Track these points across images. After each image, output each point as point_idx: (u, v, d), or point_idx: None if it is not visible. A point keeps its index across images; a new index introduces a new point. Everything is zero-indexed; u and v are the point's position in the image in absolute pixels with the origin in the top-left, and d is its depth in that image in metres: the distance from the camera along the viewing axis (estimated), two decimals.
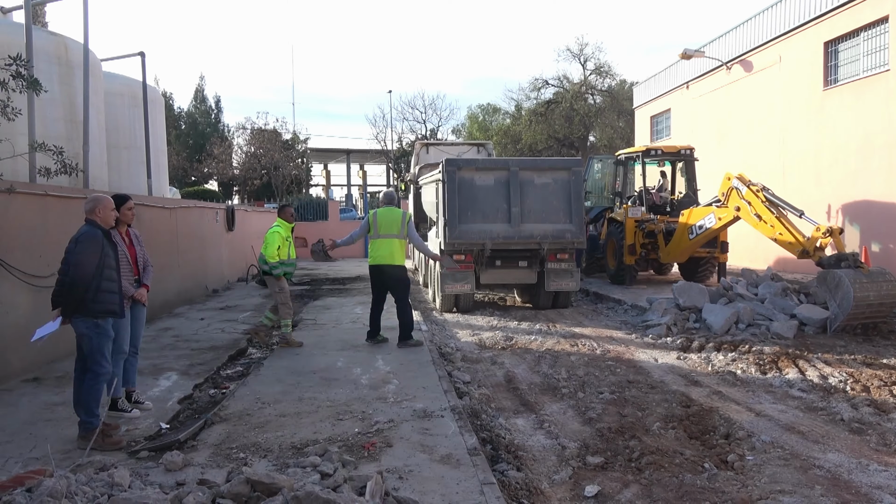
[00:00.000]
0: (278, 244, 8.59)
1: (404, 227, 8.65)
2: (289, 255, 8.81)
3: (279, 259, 8.63)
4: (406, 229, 8.70)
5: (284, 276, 8.80)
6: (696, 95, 22.24)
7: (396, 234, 8.66)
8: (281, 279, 8.75)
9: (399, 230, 8.66)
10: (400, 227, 8.66)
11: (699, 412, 6.10)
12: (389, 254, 8.69)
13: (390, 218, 8.73)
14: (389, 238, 8.65)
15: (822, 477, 4.59)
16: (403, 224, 8.66)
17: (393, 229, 8.68)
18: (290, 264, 8.87)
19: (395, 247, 8.68)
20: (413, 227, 8.88)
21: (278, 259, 8.62)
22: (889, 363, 7.75)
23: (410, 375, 7.11)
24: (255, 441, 5.08)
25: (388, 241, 8.66)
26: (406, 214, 8.82)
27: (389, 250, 8.68)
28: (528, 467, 4.91)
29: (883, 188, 14.05)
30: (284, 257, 8.71)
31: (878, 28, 14.32)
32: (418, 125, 50.42)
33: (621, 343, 9.45)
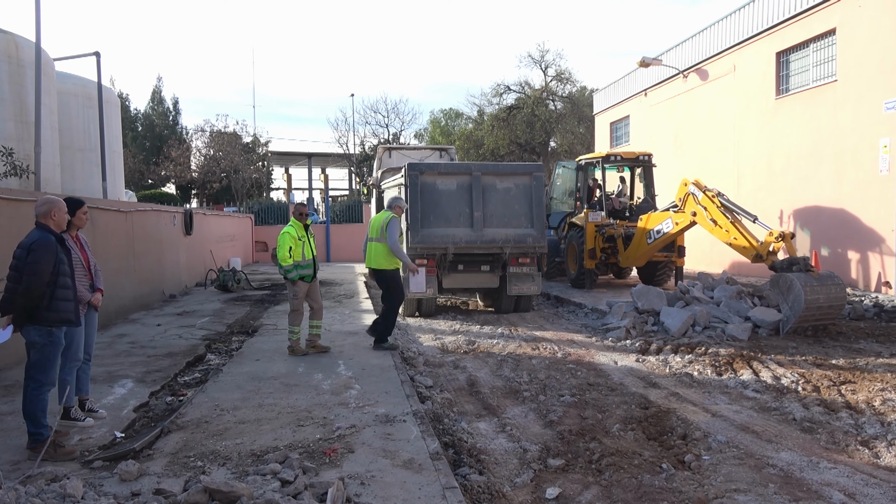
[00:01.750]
0: (289, 245, 8.23)
1: (384, 230, 8.59)
2: (303, 255, 8.32)
3: (293, 261, 8.28)
4: (384, 233, 8.61)
5: (302, 280, 8.34)
6: (654, 102, 22.67)
7: (377, 237, 8.66)
8: (297, 283, 8.34)
9: (379, 234, 8.63)
10: (380, 230, 8.63)
11: (657, 413, 6.20)
12: (373, 257, 8.76)
13: (376, 222, 8.78)
14: (374, 241, 8.71)
15: (775, 475, 4.71)
16: (383, 227, 8.60)
17: (374, 233, 8.72)
18: (305, 266, 8.36)
19: (377, 250, 8.70)
20: (392, 230, 8.60)
21: (292, 261, 8.27)
22: (838, 364, 8.00)
23: (372, 380, 7.07)
24: (214, 449, 4.99)
25: (373, 244, 8.74)
26: (387, 217, 8.67)
27: (373, 253, 8.75)
28: (490, 471, 4.93)
29: (831, 194, 14.53)
30: (298, 258, 8.28)
31: (827, 40, 14.82)
32: (381, 129, 50.27)
33: (582, 346, 9.56)
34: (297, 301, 8.47)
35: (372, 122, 50.57)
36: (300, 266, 8.34)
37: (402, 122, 51.13)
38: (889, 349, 8.81)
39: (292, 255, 8.27)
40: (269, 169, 49.98)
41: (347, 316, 11.84)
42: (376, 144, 41.66)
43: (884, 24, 12.88)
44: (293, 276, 8.33)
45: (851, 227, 13.96)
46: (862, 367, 7.78)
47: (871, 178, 13.37)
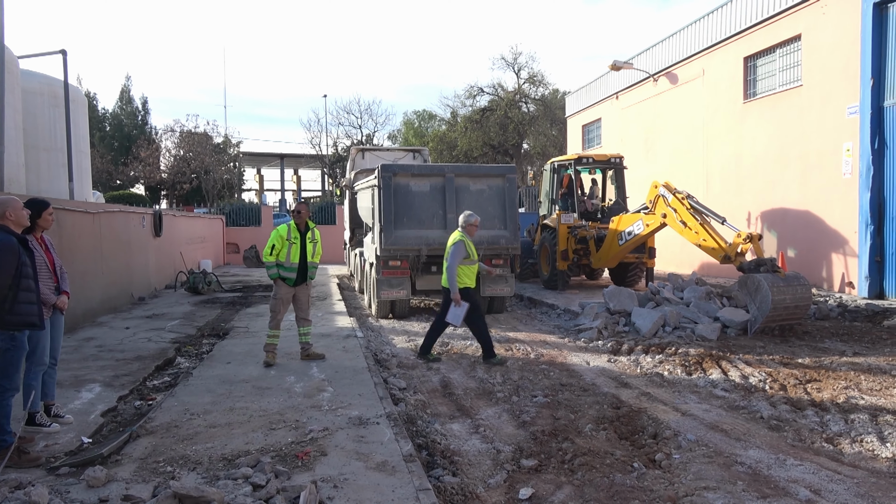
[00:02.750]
0: (273, 243, 8.15)
1: (448, 249, 8.53)
2: (288, 257, 8.13)
3: (275, 259, 8.18)
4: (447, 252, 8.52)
5: (284, 281, 8.20)
6: (625, 106, 22.93)
7: (446, 257, 8.60)
8: (277, 283, 8.24)
9: (447, 254, 8.57)
10: (447, 251, 8.57)
11: (629, 413, 6.27)
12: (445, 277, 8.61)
13: (449, 242, 8.68)
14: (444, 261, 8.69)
15: (744, 473, 4.79)
16: (448, 247, 8.55)
17: (446, 253, 8.67)
18: (288, 268, 8.16)
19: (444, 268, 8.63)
20: (456, 252, 8.43)
21: (274, 259, 8.18)
22: (804, 363, 8.17)
23: (345, 383, 7.04)
24: (184, 454, 4.92)
25: (443, 264, 8.71)
26: (455, 238, 8.55)
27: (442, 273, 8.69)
28: (463, 472, 4.94)
29: (797, 196, 14.83)
30: (283, 259, 8.13)
31: (792, 45, 15.13)
32: (354, 130, 50.11)
33: (554, 347, 9.63)
34: (275, 302, 8.31)
35: (345, 123, 50.42)
36: (282, 266, 8.21)
37: (376, 124, 51.06)
38: (852, 348, 9.02)
39: (276, 255, 8.18)
40: (241, 170, 49.54)
41: (320, 318, 11.76)
42: (349, 145, 41.48)
43: (846, 31, 13.20)
44: (272, 274, 8.28)
45: (816, 229, 14.26)
46: (827, 366, 7.95)
47: (835, 181, 13.69)
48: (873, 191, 12.72)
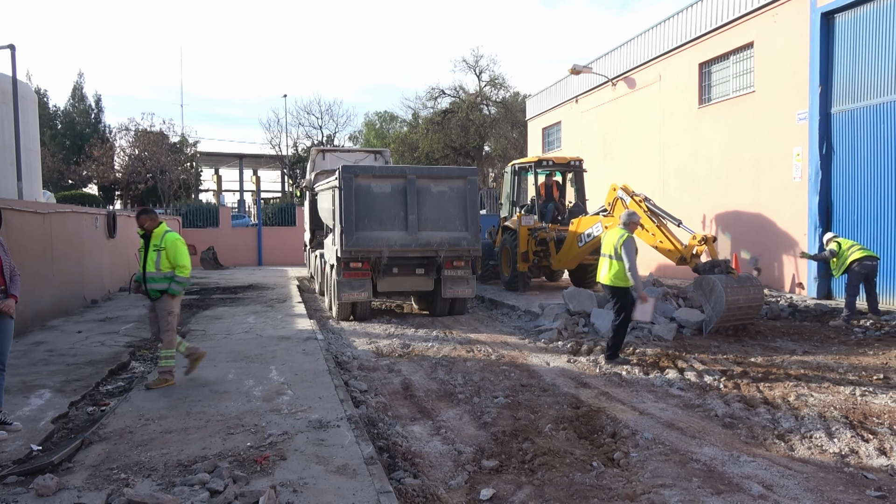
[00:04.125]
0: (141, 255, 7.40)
1: (619, 248, 8.43)
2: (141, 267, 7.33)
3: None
4: (619, 252, 8.40)
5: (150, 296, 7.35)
6: (584, 109, 23.23)
7: (612, 255, 8.52)
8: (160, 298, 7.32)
9: (613, 251, 8.50)
10: (614, 248, 8.50)
11: (588, 413, 6.35)
12: (607, 273, 8.58)
13: (611, 238, 8.66)
14: (609, 258, 8.59)
15: (699, 470, 4.90)
16: (618, 246, 8.45)
17: (609, 250, 8.59)
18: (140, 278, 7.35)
19: (612, 267, 8.51)
20: (629, 250, 8.36)
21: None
22: (756, 362, 8.39)
23: (306, 386, 6.97)
24: (138, 460, 4.81)
25: (608, 260, 8.60)
26: (622, 235, 8.49)
27: (607, 270, 8.58)
28: (424, 474, 4.94)
29: (750, 199, 15.23)
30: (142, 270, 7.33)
31: (745, 52, 15.54)
32: (314, 131, 49.68)
33: (515, 348, 9.70)
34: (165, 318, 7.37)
35: (305, 124, 49.97)
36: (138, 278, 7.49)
37: (337, 124, 50.74)
38: (802, 347, 9.30)
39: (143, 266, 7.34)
40: (198, 170, 48.64)
41: (280, 321, 11.63)
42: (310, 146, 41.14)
43: (796, 39, 13.62)
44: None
45: (768, 231, 14.67)
46: (778, 365, 8.18)
47: (786, 185, 14.10)
48: (822, 194, 13.15)
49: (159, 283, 7.29)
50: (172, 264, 7.26)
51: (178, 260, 7.27)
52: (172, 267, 7.26)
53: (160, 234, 7.32)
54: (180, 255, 7.30)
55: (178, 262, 7.27)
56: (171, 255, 7.26)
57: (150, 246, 7.30)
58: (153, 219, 7.47)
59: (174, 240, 7.32)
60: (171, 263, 7.26)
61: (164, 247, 7.26)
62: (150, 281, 7.30)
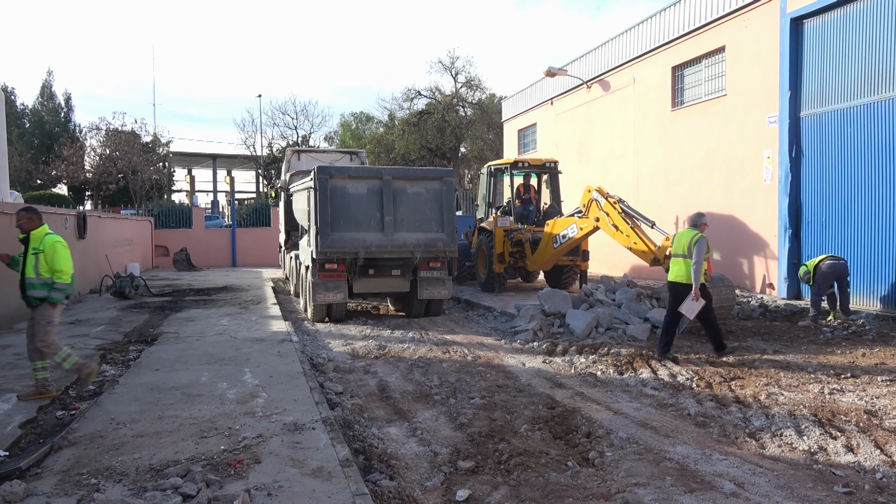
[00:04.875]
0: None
1: (691, 247, 8.66)
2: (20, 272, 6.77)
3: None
4: (692, 250, 8.64)
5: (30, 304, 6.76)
6: (559, 111, 23.38)
7: (685, 254, 8.74)
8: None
9: (686, 251, 8.72)
10: (687, 248, 8.72)
11: (563, 413, 6.39)
12: (678, 272, 8.82)
13: (683, 238, 8.87)
14: (681, 258, 8.83)
15: (672, 468, 4.95)
16: (691, 245, 8.68)
17: (682, 249, 8.81)
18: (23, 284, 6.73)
19: (682, 266, 8.77)
20: (701, 249, 8.61)
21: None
22: (728, 361, 8.51)
23: (280, 388, 6.92)
24: (109, 465, 4.73)
25: (680, 260, 8.84)
26: (696, 235, 8.72)
27: (679, 269, 8.82)
28: (400, 476, 4.93)
29: (721, 201, 15.46)
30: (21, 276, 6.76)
31: (717, 56, 15.77)
32: (290, 131, 49.40)
33: (491, 349, 9.72)
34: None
35: (280, 124, 49.67)
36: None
37: (312, 125, 50.54)
38: (773, 346, 9.46)
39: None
40: (171, 170, 48.10)
41: (255, 322, 11.53)
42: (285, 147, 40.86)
43: (766, 44, 13.85)
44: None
45: (739, 233, 14.90)
46: (749, 364, 8.31)
47: (757, 187, 14.33)
48: (791, 197, 13.39)
49: (38, 290, 6.68)
50: (51, 269, 6.64)
51: (57, 264, 6.64)
52: (51, 272, 6.65)
53: (39, 237, 6.72)
54: (59, 259, 6.66)
55: (56, 267, 6.64)
56: (49, 259, 6.63)
57: (28, 249, 6.70)
58: (32, 219, 6.81)
59: (53, 242, 6.68)
60: (50, 268, 6.64)
61: (43, 249, 6.65)
62: (28, 288, 6.68)
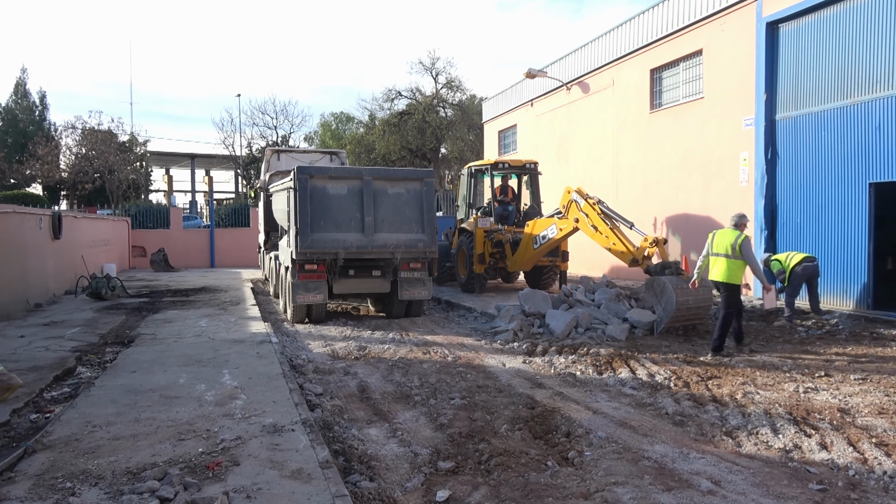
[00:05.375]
0: None
1: (737, 249, 8.98)
2: None
3: None
4: (738, 251, 8.97)
5: None
6: (539, 113, 23.50)
7: (728, 254, 9.01)
8: None
9: (731, 251, 9.01)
10: (731, 248, 9.02)
11: (543, 413, 6.42)
12: (724, 272, 9.07)
13: (724, 239, 9.14)
14: (724, 257, 9.08)
15: (651, 467, 5.00)
16: (736, 246, 8.99)
17: (724, 249, 9.09)
18: None
19: (730, 265, 9.04)
20: (749, 249, 9.08)
21: None
22: (705, 361, 8.62)
23: (259, 390, 6.87)
24: (85, 468, 4.67)
25: (724, 259, 9.09)
26: (740, 237, 9.03)
27: (724, 268, 9.07)
28: (380, 477, 4.92)
29: (699, 202, 15.63)
30: None
31: (695, 60, 15.95)
32: (269, 131, 49.06)
33: (471, 349, 9.74)
34: None
35: (260, 124, 49.33)
36: None
37: (292, 125, 50.22)
38: (749, 346, 9.58)
39: None
40: (148, 170, 47.54)
41: (233, 324, 11.43)
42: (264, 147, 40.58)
43: (743, 47, 14.04)
44: None
45: None
46: (726, 364, 8.42)
47: (733, 188, 14.51)
48: (767, 198, 13.59)
49: None
50: None
51: None
52: None
53: None
54: None
55: None
56: None
57: None
58: None
59: None
60: None
61: None
62: None
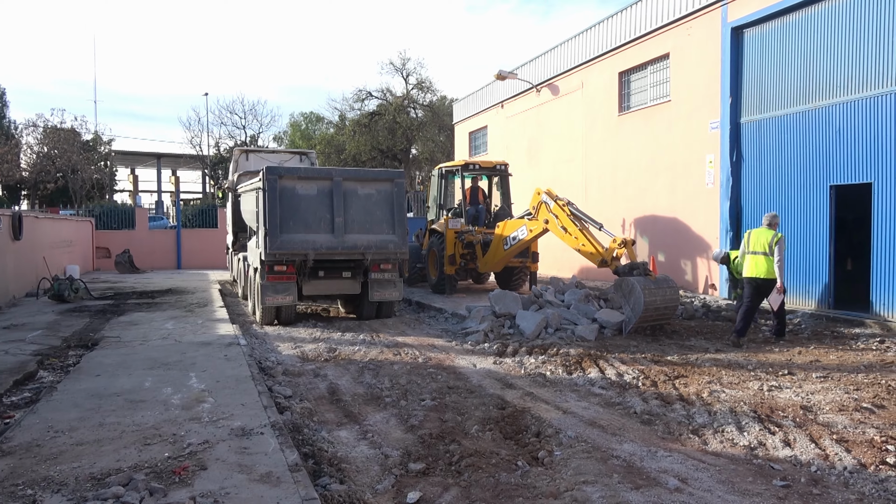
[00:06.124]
0: None
1: (773, 247, 9.73)
2: None
3: None
4: (773, 249, 9.70)
5: None
6: (510, 114, 23.61)
7: (765, 251, 9.77)
8: None
9: (768, 249, 9.77)
10: (768, 246, 9.77)
11: (513, 413, 6.45)
12: (763, 268, 9.81)
13: (761, 238, 9.87)
14: (761, 255, 9.81)
15: (619, 466, 5.06)
16: (772, 244, 9.74)
17: (761, 248, 9.83)
18: None
19: (767, 263, 9.77)
20: (782, 248, 9.75)
21: None
22: (672, 360, 8.74)
23: (227, 393, 6.78)
24: (47, 475, 4.56)
25: (761, 257, 9.81)
26: (776, 236, 9.80)
27: (762, 266, 9.81)
28: (351, 479, 4.89)
29: (666, 204, 15.86)
30: None
31: (662, 63, 16.19)
32: (238, 131, 48.56)
33: (442, 350, 9.74)
34: None
35: (228, 123, 48.79)
36: None
37: (261, 125, 49.81)
38: (715, 345, 9.76)
39: None
40: (113, 169, 46.65)
41: (200, 326, 11.27)
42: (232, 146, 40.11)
43: (708, 52, 14.28)
44: None
45: (683, 235, 15.31)
46: (693, 363, 8.55)
47: (700, 190, 14.76)
48: (732, 200, 13.84)
49: None
50: None
51: None
52: None
53: None
54: None
55: None
56: None
57: None
58: None
59: None
60: None
61: None
62: None
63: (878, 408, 6.44)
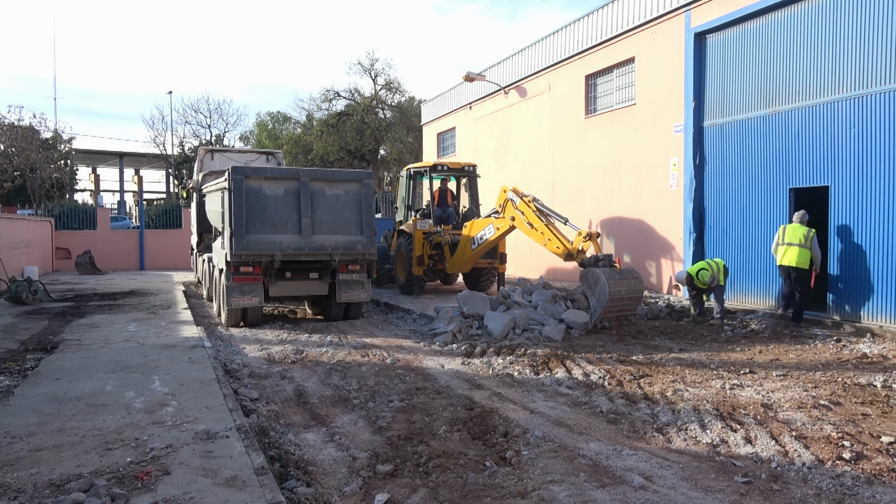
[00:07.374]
0: None
1: (810, 240, 10.90)
2: None
3: None
4: (809, 242, 10.91)
5: None
6: (478, 116, 23.69)
7: (802, 244, 10.91)
8: None
9: (805, 241, 10.90)
10: (805, 239, 10.91)
11: (481, 413, 6.48)
12: (799, 258, 10.94)
13: (797, 231, 11.00)
14: (798, 247, 10.95)
15: (586, 465, 5.11)
16: (809, 237, 10.91)
17: (798, 240, 10.96)
18: None
19: (804, 254, 10.93)
20: (816, 240, 10.93)
21: None
22: (637, 360, 8.87)
23: (192, 396, 6.68)
24: (3, 482, 4.43)
25: (798, 248, 10.95)
26: (812, 232, 10.93)
27: (799, 256, 10.95)
28: (318, 482, 4.86)
29: (632, 206, 16.08)
30: None
31: (628, 67, 16.41)
32: (203, 130, 47.83)
33: (410, 351, 9.73)
34: None
35: (193, 122, 48.08)
36: None
37: (227, 124, 49.13)
38: (679, 344, 9.93)
39: None
40: (74, 168, 45.56)
41: (164, 328, 11.08)
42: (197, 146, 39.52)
43: (672, 57, 14.53)
44: None
45: (648, 236, 15.54)
46: (657, 362, 8.69)
47: (664, 192, 15.00)
48: (695, 202, 14.09)
49: None
50: None
51: None
52: None
53: None
54: None
55: None
56: None
57: None
58: None
59: None
60: None
61: None
62: None
63: (834, 405, 6.63)
